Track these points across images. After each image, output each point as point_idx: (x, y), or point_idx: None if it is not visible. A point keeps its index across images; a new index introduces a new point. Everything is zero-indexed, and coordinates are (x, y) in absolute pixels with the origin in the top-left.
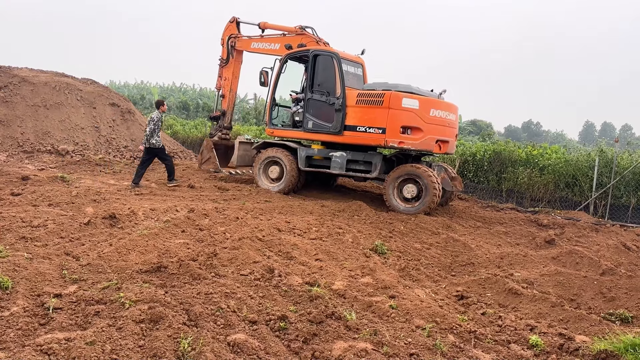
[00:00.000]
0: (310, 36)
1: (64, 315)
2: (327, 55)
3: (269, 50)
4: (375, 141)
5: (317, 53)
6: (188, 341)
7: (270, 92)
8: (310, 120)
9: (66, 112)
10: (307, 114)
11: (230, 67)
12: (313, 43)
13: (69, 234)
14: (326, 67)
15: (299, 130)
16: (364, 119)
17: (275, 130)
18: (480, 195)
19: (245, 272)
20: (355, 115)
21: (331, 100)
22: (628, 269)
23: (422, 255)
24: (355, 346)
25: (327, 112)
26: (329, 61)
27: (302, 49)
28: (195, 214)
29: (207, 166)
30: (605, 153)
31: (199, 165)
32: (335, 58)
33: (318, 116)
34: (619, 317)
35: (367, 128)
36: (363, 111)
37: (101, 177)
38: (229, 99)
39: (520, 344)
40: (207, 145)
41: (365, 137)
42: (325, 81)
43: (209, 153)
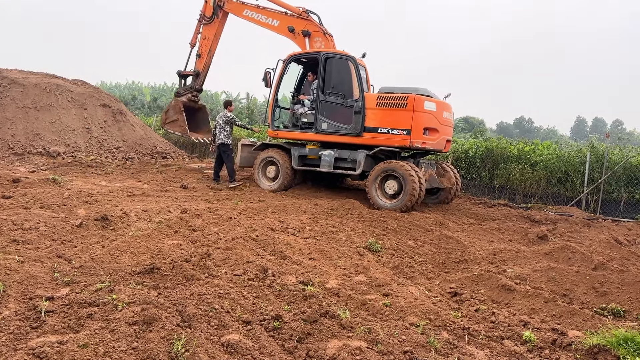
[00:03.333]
0: (316, 25)
1: (56, 318)
2: (342, 59)
3: (265, 25)
4: (400, 142)
5: (331, 56)
6: (181, 342)
7: (272, 92)
8: (325, 122)
9: (57, 114)
10: (320, 115)
11: (214, 27)
12: (320, 34)
13: (61, 236)
14: (341, 70)
15: (308, 132)
16: (386, 121)
17: (279, 132)
18: (473, 192)
19: (238, 272)
20: (375, 117)
21: (349, 102)
22: (620, 263)
23: (416, 252)
24: (350, 344)
25: (344, 114)
26: (344, 64)
27: (310, 52)
28: (188, 214)
29: (172, 128)
30: (597, 148)
31: (162, 125)
32: (352, 61)
33: (333, 118)
34: (612, 312)
35: (389, 130)
36: (385, 113)
37: (93, 179)
38: (206, 61)
39: (514, 339)
40: (176, 106)
41: (389, 139)
42: (341, 83)
43: (177, 115)
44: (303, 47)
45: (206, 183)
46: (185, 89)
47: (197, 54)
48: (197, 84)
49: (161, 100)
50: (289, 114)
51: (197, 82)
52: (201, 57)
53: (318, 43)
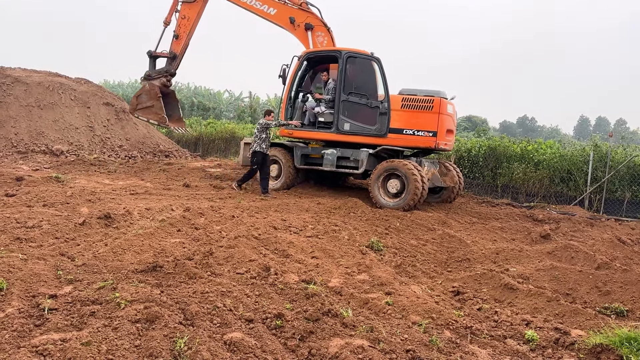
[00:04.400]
0: (318, 18)
1: (60, 316)
2: (366, 59)
3: (260, 12)
4: (425, 143)
5: (354, 55)
6: (184, 340)
7: (286, 90)
8: (347, 122)
9: (60, 112)
10: (341, 115)
11: (196, 6)
12: (322, 28)
13: (64, 234)
14: (364, 70)
15: (327, 131)
16: (411, 123)
17: (294, 131)
18: (476, 191)
19: (241, 271)
20: (400, 119)
21: (373, 103)
22: (623, 262)
23: (418, 251)
24: (352, 343)
25: (368, 115)
26: (367, 64)
27: (329, 49)
28: (191, 212)
29: (145, 115)
30: (600, 147)
31: (132, 110)
32: (377, 62)
33: (356, 118)
34: (614, 311)
35: (415, 131)
36: (410, 115)
37: (96, 177)
38: (184, 43)
39: (516, 339)
40: (151, 91)
41: (414, 140)
42: (364, 84)
43: (153, 101)
44: (304, 40)
45: (209, 182)
46: (158, 72)
47: (175, 34)
48: (173, 67)
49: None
50: (297, 112)
51: (173, 65)
52: (179, 38)
53: (320, 38)
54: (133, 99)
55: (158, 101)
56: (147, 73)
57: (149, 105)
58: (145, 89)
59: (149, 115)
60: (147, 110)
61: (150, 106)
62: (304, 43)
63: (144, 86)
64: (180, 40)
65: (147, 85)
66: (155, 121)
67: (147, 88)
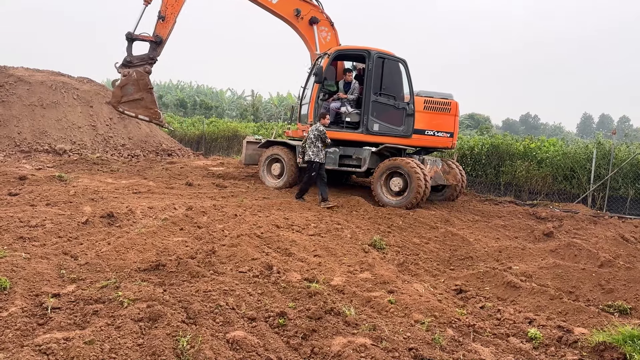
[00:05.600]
0: (322, 12)
1: (63, 315)
2: (395, 60)
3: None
4: (443, 144)
5: (383, 56)
6: (187, 339)
7: (314, 89)
8: (376, 123)
9: (63, 111)
10: (371, 116)
11: None
12: (327, 23)
13: (67, 233)
14: (392, 72)
15: (355, 132)
16: (432, 124)
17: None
18: (479, 189)
19: (243, 269)
20: (422, 120)
21: (400, 104)
22: (626, 260)
23: (421, 249)
24: (355, 341)
25: (395, 116)
26: (396, 66)
27: (357, 48)
28: (194, 211)
29: (133, 110)
30: (603, 145)
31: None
32: (404, 64)
33: (384, 119)
34: (618, 309)
35: (435, 132)
36: (431, 116)
37: (99, 176)
38: (171, 26)
39: (519, 337)
40: (140, 80)
41: (435, 140)
42: (392, 85)
43: (142, 93)
44: (308, 35)
45: (211, 180)
46: (141, 58)
47: (161, 15)
48: (158, 53)
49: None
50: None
51: (158, 50)
52: (166, 20)
53: (324, 33)
54: (116, 90)
55: (149, 93)
56: (128, 59)
57: (137, 98)
58: (131, 78)
59: (137, 109)
60: (134, 104)
61: (139, 99)
62: (308, 37)
63: (129, 74)
64: (168, 23)
65: (134, 74)
66: (145, 117)
67: (135, 77)
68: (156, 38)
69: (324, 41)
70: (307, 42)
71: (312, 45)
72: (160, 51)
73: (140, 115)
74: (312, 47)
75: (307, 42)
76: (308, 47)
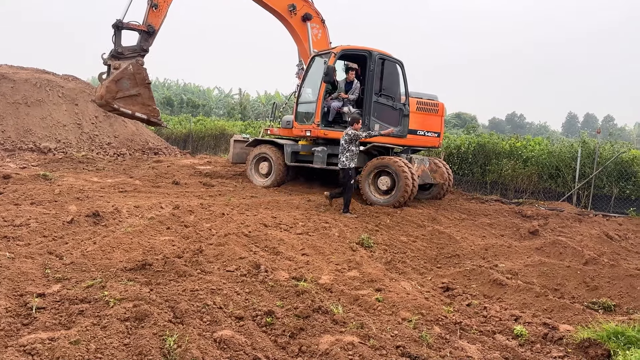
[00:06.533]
0: (315, 10)
1: (48, 315)
2: (394, 62)
3: None
4: (432, 143)
5: (383, 57)
6: (174, 338)
7: (321, 88)
8: (377, 123)
9: (48, 109)
10: (372, 117)
11: None
12: (318, 20)
13: (52, 232)
14: (391, 73)
15: None
16: (423, 124)
17: (328, 131)
18: (465, 188)
19: (231, 268)
20: (415, 121)
21: (398, 105)
22: (610, 258)
23: (408, 248)
24: (342, 340)
25: (392, 116)
26: (394, 67)
27: (362, 48)
28: (181, 210)
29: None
30: (588, 144)
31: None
32: (400, 65)
33: (384, 119)
34: (602, 306)
35: (425, 132)
36: (422, 117)
37: (84, 175)
38: (164, 15)
39: (505, 334)
40: (138, 74)
41: (425, 140)
42: (391, 86)
43: (139, 88)
44: (301, 31)
45: (199, 179)
46: (132, 49)
47: (154, 3)
48: (149, 44)
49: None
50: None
51: (150, 41)
52: (159, 8)
53: (315, 30)
54: (111, 85)
55: (146, 89)
56: (119, 50)
57: (133, 93)
58: (127, 72)
59: (133, 106)
60: (131, 101)
61: (136, 95)
62: (301, 34)
63: (125, 68)
64: (160, 11)
65: (130, 67)
66: (143, 115)
67: (132, 70)
68: (148, 28)
69: (315, 39)
70: (298, 39)
71: (305, 42)
72: (152, 42)
73: (137, 113)
74: (304, 44)
75: (299, 39)
76: (298, 44)
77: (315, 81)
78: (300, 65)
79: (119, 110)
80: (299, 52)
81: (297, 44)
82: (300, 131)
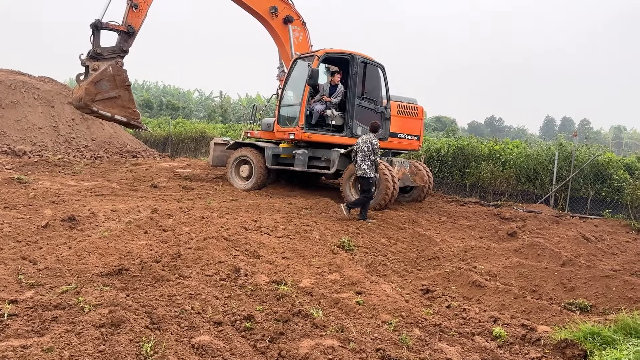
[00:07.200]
0: (296, 12)
1: (20, 322)
2: (376, 65)
3: None
4: (412, 146)
5: (366, 61)
6: (150, 345)
7: (305, 91)
8: (360, 126)
9: (23, 112)
10: (355, 120)
11: None
12: (299, 23)
13: (26, 237)
14: (373, 77)
15: (339, 135)
16: (404, 127)
17: (312, 134)
18: (445, 190)
19: (210, 273)
20: (396, 124)
21: (379, 108)
22: (587, 259)
23: (389, 250)
24: (322, 343)
25: (374, 119)
26: (376, 71)
27: (344, 52)
28: (159, 214)
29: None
30: (565, 147)
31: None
32: (382, 69)
33: (366, 123)
34: (579, 307)
35: (406, 135)
36: (403, 120)
37: (60, 178)
38: (144, 16)
39: (484, 335)
40: (118, 76)
41: (405, 143)
42: (373, 89)
43: (119, 90)
44: (282, 34)
45: (178, 182)
46: (112, 50)
47: (134, 4)
48: (129, 44)
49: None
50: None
51: (129, 42)
52: (139, 9)
53: (297, 33)
54: (89, 86)
55: (126, 91)
56: (97, 50)
57: (113, 95)
58: (107, 73)
59: (113, 109)
60: (110, 103)
61: (115, 97)
62: (282, 36)
63: (105, 69)
64: (141, 12)
65: (110, 68)
66: (122, 117)
67: (111, 72)
68: (128, 28)
69: (297, 41)
70: (279, 42)
71: (286, 45)
72: (131, 43)
73: (116, 116)
74: (286, 46)
75: (280, 42)
76: (280, 46)
77: (297, 84)
78: (281, 68)
79: (98, 113)
80: (280, 55)
81: (279, 46)
82: (283, 134)
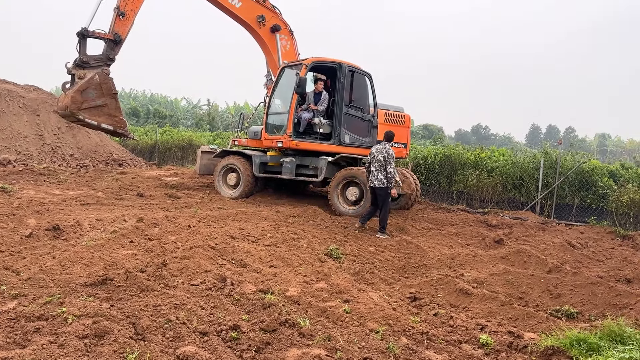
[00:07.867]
0: (283, 21)
1: (1, 334)
2: (363, 74)
3: (225, 2)
4: (399, 154)
5: (353, 70)
6: (134, 356)
7: (293, 99)
8: (347, 134)
9: (7, 120)
10: (343, 128)
11: None
12: (286, 31)
13: (9, 247)
14: (360, 85)
15: (327, 143)
16: None
17: (300, 142)
18: (432, 198)
19: (196, 282)
20: (382, 132)
21: (367, 116)
22: (573, 266)
23: (376, 258)
24: (309, 353)
25: (362, 128)
26: (363, 79)
27: (332, 60)
28: (145, 223)
29: (94, 118)
30: (550, 155)
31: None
32: (369, 78)
33: (354, 131)
34: (565, 313)
35: (393, 143)
36: (390, 128)
37: (45, 187)
38: (131, 24)
39: (471, 343)
40: (104, 84)
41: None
42: (360, 98)
43: (106, 98)
44: (270, 42)
45: (164, 191)
46: (98, 58)
47: (120, 11)
48: (116, 53)
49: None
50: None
51: (116, 50)
52: (126, 17)
53: (284, 42)
54: (76, 95)
55: (113, 99)
56: (84, 59)
57: (99, 104)
58: (93, 81)
59: (99, 117)
60: (96, 112)
61: (102, 105)
62: (269, 44)
63: (91, 77)
64: (128, 20)
65: (96, 77)
66: (109, 126)
67: (98, 80)
68: (115, 36)
69: (284, 50)
70: (266, 50)
71: (274, 54)
72: (118, 51)
73: (103, 124)
74: (274, 55)
75: (267, 50)
76: (267, 55)
77: (285, 92)
78: (268, 76)
79: (84, 122)
80: (268, 63)
81: (266, 55)
82: (271, 142)
